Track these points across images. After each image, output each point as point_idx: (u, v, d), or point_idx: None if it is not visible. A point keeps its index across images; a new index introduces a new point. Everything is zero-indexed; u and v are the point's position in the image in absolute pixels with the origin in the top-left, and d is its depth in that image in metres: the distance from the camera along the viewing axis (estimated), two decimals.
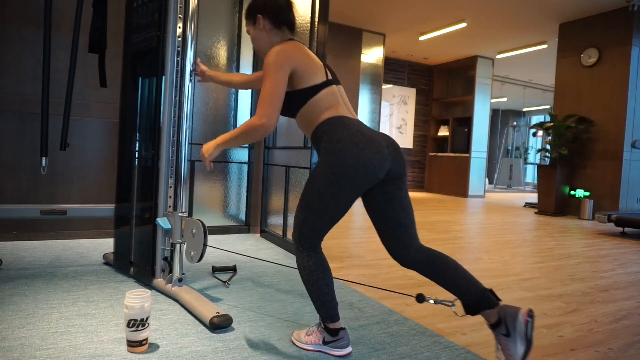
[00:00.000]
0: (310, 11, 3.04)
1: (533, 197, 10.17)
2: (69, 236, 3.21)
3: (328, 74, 1.60)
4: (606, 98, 6.27)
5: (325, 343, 1.55)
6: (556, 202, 6.55)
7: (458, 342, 1.73)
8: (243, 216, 3.84)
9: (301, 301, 2.12)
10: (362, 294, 2.27)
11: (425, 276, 1.55)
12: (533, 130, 13.83)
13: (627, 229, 5.36)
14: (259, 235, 3.77)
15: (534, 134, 14.22)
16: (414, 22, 7.35)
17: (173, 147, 2.14)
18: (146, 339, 1.51)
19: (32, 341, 1.53)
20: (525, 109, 13.90)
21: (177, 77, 2.12)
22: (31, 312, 1.79)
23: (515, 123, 13.69)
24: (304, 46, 1.61)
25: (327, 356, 1.54)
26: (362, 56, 7.88)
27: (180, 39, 2.11)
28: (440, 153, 9.92)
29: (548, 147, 6.91)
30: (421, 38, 7.99)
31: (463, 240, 4.09)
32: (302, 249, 1.54)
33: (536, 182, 9.24)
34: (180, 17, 2.11)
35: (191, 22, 2.10)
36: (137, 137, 2.32)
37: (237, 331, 1.71)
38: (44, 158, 2.41)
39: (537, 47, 8.12)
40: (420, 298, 1.58)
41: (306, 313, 1.96)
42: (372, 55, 8.01)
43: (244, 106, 3.77)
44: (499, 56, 9.00)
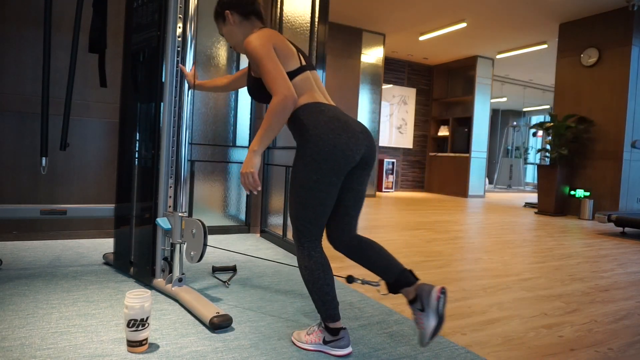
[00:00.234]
0: (310, 11, 3.04)
1: (533, 197, 10.17)
2: (69, 236, 3.21)
3: (302, 60, 1.63)
4: (606, 98, 6.28)
5: (325, 343, 1.55)
6: (556, 202, 6.56)
7: (458, 342, 1.73)
8: (243, 216, 3.85)
9: (301, 301, 2.12)
10: (362, 294, 2.27)
11: (352, 260, 1.67)
12: (533, 130, 13.84)
13: (627, 229, 5.36)
14: (259, 235, 3.77)
15: (534, 134, 14.22)
16: (414, 22, 7.35)
17: (173, 147, 2.14)
18: (146, 339, 1.51)
19: (32, 341, 1.53)
20: (525, 109, 13.90)
21: (177, 77, 2.12)
22: (31, 312, 1.79)
23: (515, 123, 13.70)
24: (277, 32, 1.64)
25: (327, 356, 1.54)
26: (362, 56, 7.88)
27: (180, 39, 2.12)
28: (440, 153, 9.93)
29: (548, 147, 6.91)
30: (421, 38, 7.99)
31: (463, 240, 4.09)
32: (303, 248, 1.55)
33: (536, 182, 9.24)
34: (180, 17, 2.11)
35: (191, 22, 2.10)
36: (137, 137, 2.32)
37: (237, 331, 1.71)
38: (44, 158, 2.41)
39: (537, 47, 8.12)
40: (349, 279, 1.73)
41: (306, 313, 1.96)
42: (372, 55, 8.01)
43: (244, 106, 3.77)
44: (499, 56, 9.00)
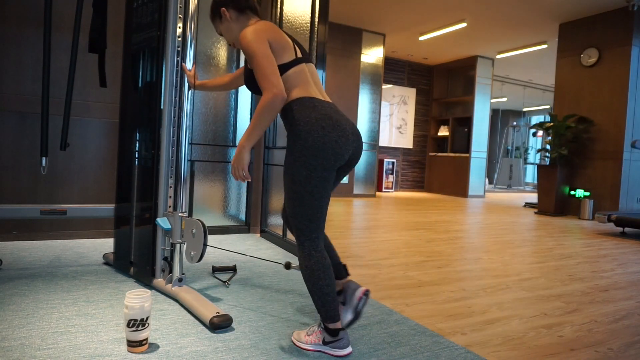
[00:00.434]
0: (310, 11, 3.05)
1: (533, 197, 10.17)
2: (69, 236, 3.21)
3: (298, 52, 1.63)
4: (606, 98, 6.28)
5: (325, 343, 1.55)
6: (556, 202, 6.56)
7: (458, 342, 1.73)
8: (243, 216, 3.84)
9: (301, 301, 2.12)
10: None
11: None
12: (533, 130, 13.84)
13: (627, 229, 5.36)
14: (259, 235, 3.77)
15: (534, 134, 14.23)
16: (414, 22, 7.35)
17: (173, 147, 2.14)
18: (146, 339, 1.51)
19: (32, 341, 1.53)
20: (525, 109, 13.91)
21: (177, 77, 2.12)
22: (31, 312, 1.79)
23: (515, 123, 13.70)
24: (273, 24, 1.64)
25: (327, 356, 1.54)
26: (362, 56, 7.88)
27: (180, 39, 2.12)
28: (440, 153, 9.92)
29: (548, 147, 6.92)
30: (421, 38, 7.99)
31: (463, 240, 4.09)
32: (304, 248, 1.55)
33: (536, 182, 9.24)
34: (180, 17, 2.11)
35: (191, 22, 2.10)
36: (137, 137, 2.32)
37: (237, 331, 1.72)
38: (44, 158, 2.41)
39: (537, 47, 8.11)
40: (287, 265, 1.85)
41: (306, 313, 1.96)
42: (372, 55, 8.01)
43: (244, 106, 3.77)
44: (499, 56, 9.00)
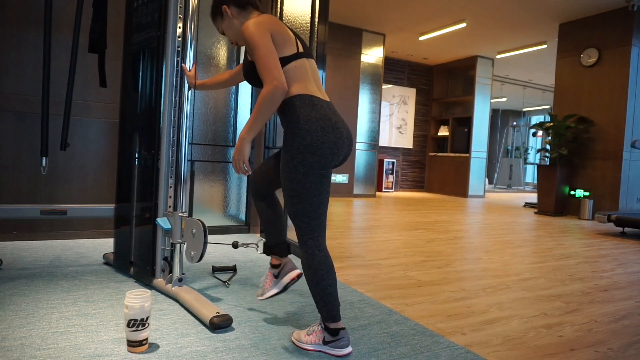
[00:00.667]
0: (310, 11, 3.04)
1: (533, 197, 10.17)
2: (69, 236, 3.21)
3: (299, 46, 1.63)
4: (606, 98, 6.28)
5: (325, 343, 1.55)
6: (556, 202, 6.56)
7: (458, 342, 1.73)
8: (243, 216, 3.84)
9: (301, 301, 2.12)
10: (362, 294, 2.27)
11: (258, 207, 1.81)
12: (533, 130, 13.84)
13: (627, 229, 5.36)
14: (259, 235, 3.77)
15: (534, 134, 14.23)
16: (414, 22, 7.35)
17: (173, 147, 2.14)
18: (146, 339, 1.51)
19: (33, 341, 1.53)
20: (525, 109, 13.91)
21: (177, 77, 2.12)
22: (31, 312, 1.79)
23: (515, 123, 13.70)
24: (276, 18, 1.64)
25: (327, 356, 1.54)
26: (362, 56, 7.88)
27: (180, 39, 2.12)
28: (440, 153, 9.92)
29: (548, 147, 6.92)
30: (421, 38, 7.99)
31: (463, 240, 4.09)
32: (307, 247, 1.55)
33: (536, 182, 9.24)
34: (180, 17, 2.11)
35: (191, 22, 2.10)
36: (137, 137, 2.32)
37: (237, 331, 1.72)
38: (44, 158, 2.41)
39: (537, 47, 8.11)
40: (234, 244, 2.03)
41: (306, 313, 1.96)
42: (372, 55, 8.01)
43: (244, 106, 3.77)
44: (499, 56, 9.00)
